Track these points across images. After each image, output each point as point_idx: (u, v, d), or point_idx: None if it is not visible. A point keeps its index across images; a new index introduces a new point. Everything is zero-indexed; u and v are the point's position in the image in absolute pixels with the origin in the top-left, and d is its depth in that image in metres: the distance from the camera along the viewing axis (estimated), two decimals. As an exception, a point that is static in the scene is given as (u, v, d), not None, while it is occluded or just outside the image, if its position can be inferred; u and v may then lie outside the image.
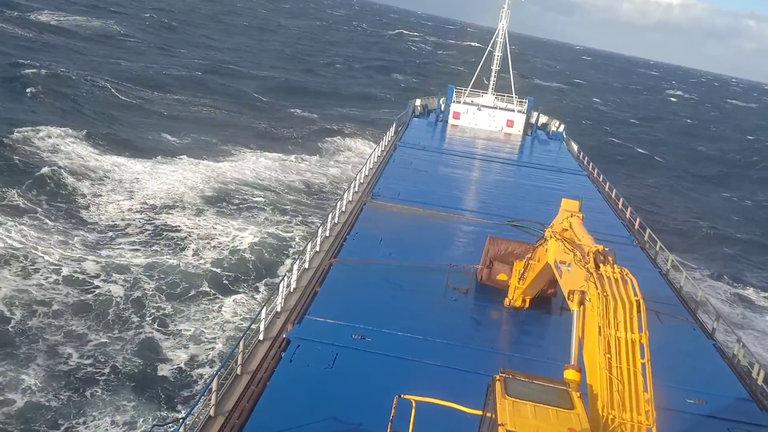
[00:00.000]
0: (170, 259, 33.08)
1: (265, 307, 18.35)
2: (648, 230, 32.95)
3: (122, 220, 37.66)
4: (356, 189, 33.23)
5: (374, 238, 26.34)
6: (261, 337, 17.91)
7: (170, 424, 20.11)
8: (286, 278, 20.46)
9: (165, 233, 36.47)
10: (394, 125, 52.06)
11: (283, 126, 71.99)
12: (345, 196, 30.96)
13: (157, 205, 40.31)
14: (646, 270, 26.88)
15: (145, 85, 78.63)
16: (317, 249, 24.58)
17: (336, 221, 27.93)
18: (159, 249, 34.44)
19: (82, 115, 58.13)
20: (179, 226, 37.52)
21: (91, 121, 57.27)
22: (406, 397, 12.21)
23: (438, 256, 24.96)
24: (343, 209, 29.64)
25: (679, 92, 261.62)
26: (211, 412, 14.35)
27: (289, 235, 38.97)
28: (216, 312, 28.82)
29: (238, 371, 16.06)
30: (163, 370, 24.20)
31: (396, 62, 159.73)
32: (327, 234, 26.21)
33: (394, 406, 12.31)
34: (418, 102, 66.21)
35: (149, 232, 36.52)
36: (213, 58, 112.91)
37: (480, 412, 11.53)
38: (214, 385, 14.34)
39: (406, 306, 20.84)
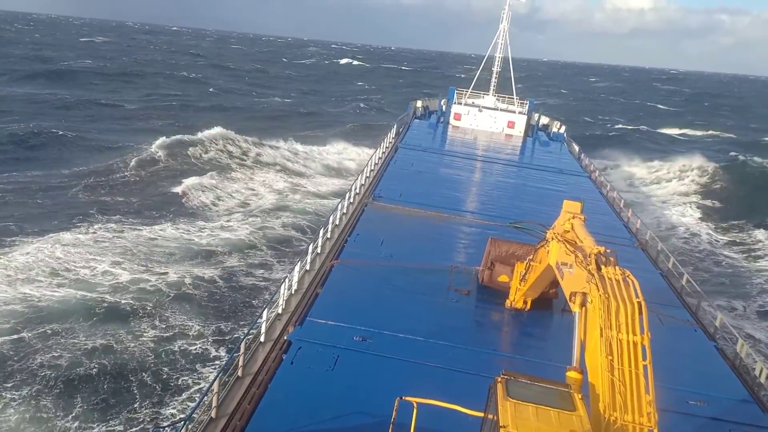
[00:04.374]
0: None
1: (266, 309, 18.35)
2: (649, 231, 32.95)
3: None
4: (357, 190, 33.23)
5: (375, 240, 26.33)
6: (262, 338, 17.91)
7: (171, 426, 20.09)
8: (287, 280, 20.48)
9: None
10: (395, 127, 52.09)
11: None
12: (346, 197, 30.95)
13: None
14: (647, 271, 26.88)
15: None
16: (318, 251, 24.58)
17: (337, 223, 27.93)
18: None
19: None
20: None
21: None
22: (408, 399, 12.19)
23: (439, 257, 24.95)
24: (345, 211, 29.63)
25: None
26: (213, 414, 14.36)
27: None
28: None
29: (240, 373, 16.08)
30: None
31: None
32: (328, 236, 26.21)
33: (395, 408, 12.30)
34: (419, 103, 66.31)
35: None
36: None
37: (481, 414, 11.52)
38: (215, 387, 14.35)
39: (408, 308, 20.81)
